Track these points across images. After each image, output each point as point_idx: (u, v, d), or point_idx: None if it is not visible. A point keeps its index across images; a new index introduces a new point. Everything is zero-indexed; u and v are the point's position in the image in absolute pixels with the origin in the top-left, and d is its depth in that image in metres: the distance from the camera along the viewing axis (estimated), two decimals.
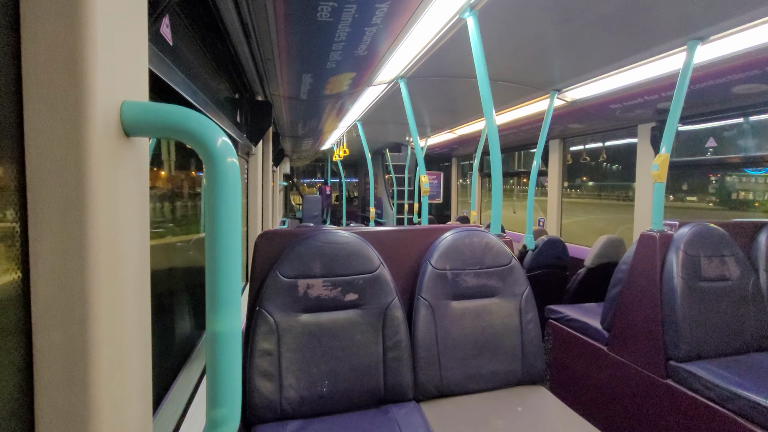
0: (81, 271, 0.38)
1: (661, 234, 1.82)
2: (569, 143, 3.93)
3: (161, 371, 0.96)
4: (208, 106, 1.21)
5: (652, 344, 1.77)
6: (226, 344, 0.47)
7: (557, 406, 1.32)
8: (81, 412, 0.39)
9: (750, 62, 1.83)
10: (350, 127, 4.38)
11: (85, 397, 0.39)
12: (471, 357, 1.40)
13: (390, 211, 7.28)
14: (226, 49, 1.56)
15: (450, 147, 5.63)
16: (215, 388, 0.46)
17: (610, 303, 2.04)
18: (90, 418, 0.39)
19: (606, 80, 2.35)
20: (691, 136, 2.93)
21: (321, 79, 2.07)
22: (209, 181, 0.46)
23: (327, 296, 1.27)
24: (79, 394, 0.39)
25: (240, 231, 0.48)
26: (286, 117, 3.20)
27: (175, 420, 0.90)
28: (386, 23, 1.44)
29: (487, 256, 1.49)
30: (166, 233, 1.16)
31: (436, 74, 2.42)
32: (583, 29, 1.75)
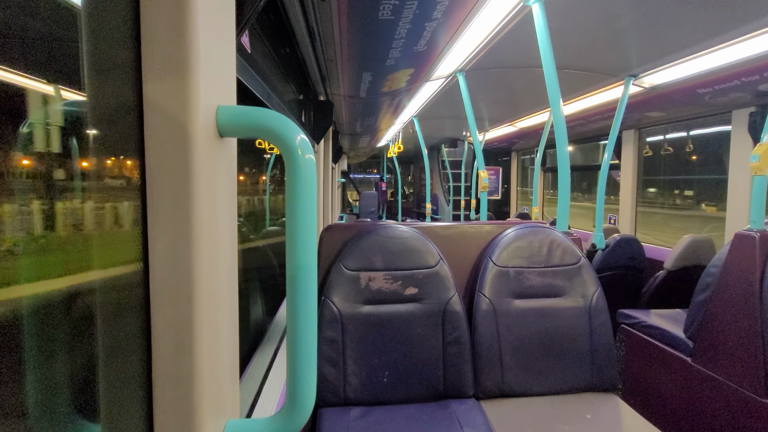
0: (188, 255, 0.44)
1: (762, 234, 1.60)
2: (646, 134, 3.59)
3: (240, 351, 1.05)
4: (280, 107, 1.30)
5: (750, 359, 1.57)
6: (305, 330, 0.50)
7: (632, 417, 1.23)
8: (188, 378, 0.44)
9: None
10: (406, 123, 4.39)
11: (190, 364, 0.44)
12: (535, 358, 1.35)
13: (446, 207, 7.19)
14: (294, 53, 1.65)
15: (509, 141, 5.40)
16: (294, 371, 0.50)
17: (696, 310, 1.84)
18: (194, 384, 0.44)
19: (693, 62, 2.10)
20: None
21: (380, 77, 2.10)
22: (289, 176, 0.50)
23: (388, 289, 1.30)
24: (186, 362, 0.44)
25: (316, 221, 0.52)
26: (345, 115, 3.30)
27: (253, 395, 0.99)
28: (447, 17, 1.42)
29: (553, 255, 1.42)
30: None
31: (496, 66, 2.34)
32: (666, 5, 1.58)
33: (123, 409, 0.44)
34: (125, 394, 0.44)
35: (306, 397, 0.51)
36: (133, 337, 0.44)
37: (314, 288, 0.51)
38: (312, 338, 0.52)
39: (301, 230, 0.50)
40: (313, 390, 0.52)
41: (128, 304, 0.44)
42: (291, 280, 0.50)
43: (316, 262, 0.52)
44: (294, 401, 0.51)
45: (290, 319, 0.51)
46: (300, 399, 0.50)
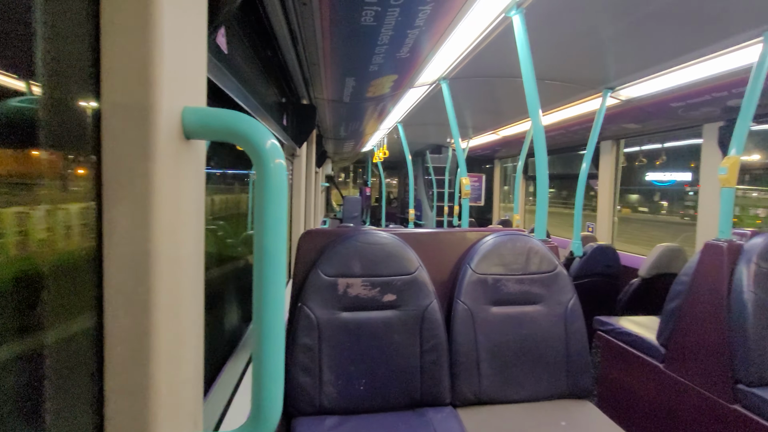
0: (146, 260, 0.42)
1: (730, 244, 1.66)
2: (623, 144, 3.69)
3: (210, 360, 1.02)
4: (258, 110, 1.28)
5: (717, 364, 1.62)
6: (271, 338, 0.49)
7: (605, 424, 1.25)
8: (144, 390, 0.42)
9: None
10: (391, 129, 4.41)
11: (147, 376, 0.42)
12: (512, 365, 1.35)
13: (429, 213, 7.23)
14: (275, 56, 1.63)
15: (492, 149, 5.49)
16: (260, 379, 0.49)
17: (668, 317, 1.89)
18: (151, 396, 0.42)
19: (667, 76, 2.18)
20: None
21: (363, 82, 2.10)
22: (258, 181, 0.49)
23: (366, 296, 1.29)
24: (142, 373, 0.42)
25: (286, 228, 0.50)
26: (329, 120, 3.29)
27: (222, 407, 0.96)
28: (429, 25, 1.43)
29: (530, 262, 1.44)
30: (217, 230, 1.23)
31: (479, 74, 2.38)
32: (642, 22, 1.64)
33: (70, 425, 0.42)
34: (73, 409, 0.42)
35: (272, 407, 0.49)
36: (83, 347, 0.42)
37: (281, 296, 0.49)
38: (279, 346, 0.50)
39: (270, 238, 0.48)
40: (279, 400, 0.50)
41: (79, 312, 0.42)
42: (258, 288, 0.49)
43: (285, 270, 0.51)
44: (259, 412, 0.49)
45: (256, 327, 0.50)
46: (265, 410, 0.49)
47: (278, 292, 0.49)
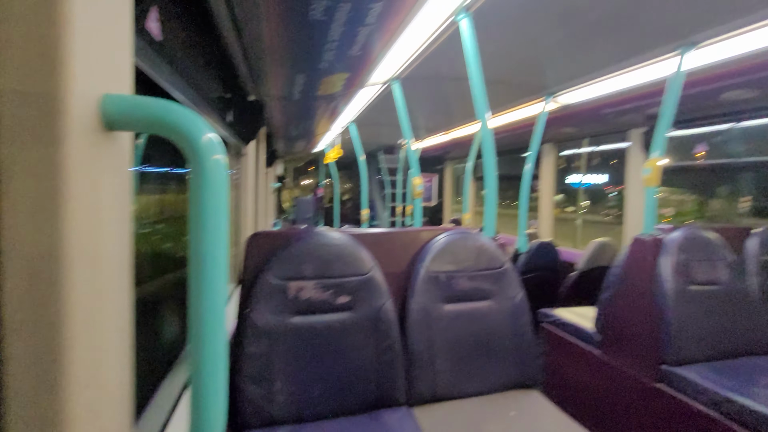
0: (56, 270, 0.36)
1: (654, 238, 1.83)
2: (563, 147, 3.96)
3: (144, 379, 0.92)
4: (198, 103, 1.19)
5: (644, 348, 1.77)
6: (211, 349, 0.45)
7: (550, 411, 1.31)
8: (55, 419, 0.36)
9: (739, 69, 1.85)
10: (344, 129, 4.37)
11: (59, 403, 0.36)
12: (465, 360, 1.38)
13: (383, 213, 7.27)
14: (218, 48, 1.54)
15: (444, 150, 5.64)
16: (200, 397, 0.44)
17: (602, 306, 2.04)
18: (65, 426, 0.37)
19: (598, 85, 2.36)
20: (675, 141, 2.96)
21: (314, 80, 2.05)
22: (194, 180, 0.44)
23: (319, 299, 1.25)
24: (52, 400, 0.36)
25: (227, 232, 0.46)
26: (279, 118, 3.18)
27: (158, 426, 0.87)
28: (380, 23, 1.43)
29: (480, 259, 1.48)
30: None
31: (430, 76, 2.42)
32: (577, 33, 1.75)
33: None
34: None
35: (213, 426, 0.45)
36: None
37: (221, 305, 0.45)
38: (219, 359, 0.46)
39: (208, 242, 0.44)
40: (221, 417, 0.46)
41: None
42: (195, 297, 0.44)
43: (226, 277, 0.46)
44: (198, 430, 0.45)
45: (194, 340, 0.45)
46: (206, 425, 0.44)
47: (217, 301, 0.45)
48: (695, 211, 10.01)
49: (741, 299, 1.82)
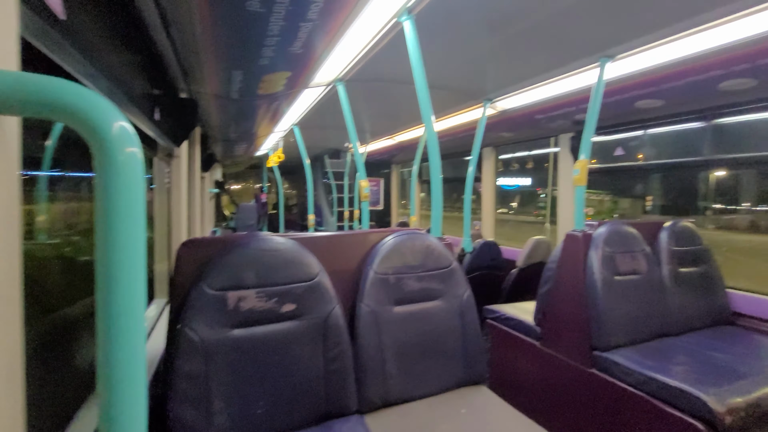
0: None
1: (584, 233, 1.97)
2: (500, 151, 4.17)
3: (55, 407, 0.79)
4: (116, 96, 1.06)
5: (578, 337, 1.90)
6: (126, 374, 0.38)
7: (497, 404, 1.34)
8: None
9: (650, 80, 2.07)
10: (287, 132, 4.23)
11: None
12: (415, 362, 1.37)
13: (330, 218, 7.16)
14: (141, 37, 1.39)
15: (390, 153, 5.69)
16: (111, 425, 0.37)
17: (540, 300, 2.16)
18: None
19: (531, 92, 2.52)
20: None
21: (253, 77, 1.94)
22: (101, 177, 0.37)
23: (261, 308, 1.16)
24: None
25: (144, 238, 0.39)
26: (216, 118, 2.98)
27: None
28: (323, 20, 1.39)
29: (428, 259, 1.49)
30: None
31: (374, 78, 2.41)
32: (510, 41, 1.85)
33: None
34: None
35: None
36: None
37: (138, 325, 0.38)
38: (136, 387, 0.39)
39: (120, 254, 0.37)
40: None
41: None
42: (103, 314, 0.37)
43: (143, 292, 0.40)
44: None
45: (103, 361, 0.38)
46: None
47: (133, 317, 0.38)
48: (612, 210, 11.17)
49: (656, 286, 2.02)
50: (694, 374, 1.54)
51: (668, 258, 2.13)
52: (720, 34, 1.58)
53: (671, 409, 1.46)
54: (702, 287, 2.17)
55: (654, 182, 9.64)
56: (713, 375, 1.53)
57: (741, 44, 1.61)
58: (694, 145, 2.70)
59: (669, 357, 1.72)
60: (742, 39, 1.58)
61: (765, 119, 2.16)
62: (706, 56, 1.74)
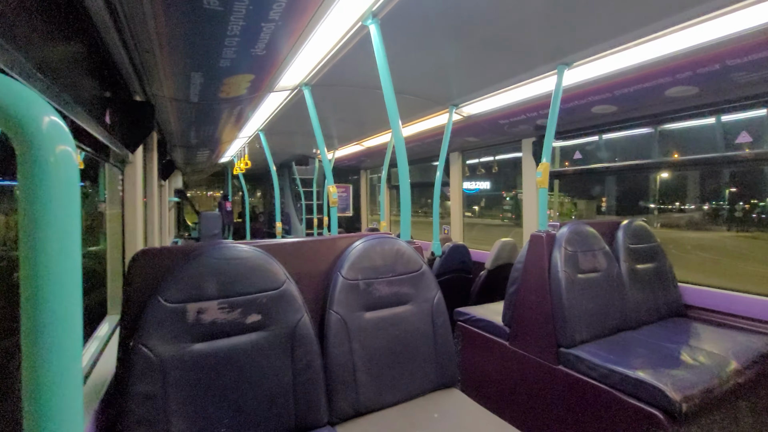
0: None
1: (547, 234, 2.03)
2: (467, 156, 4.26)
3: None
4: (58, 96, 0.97)
5: (544, 334, 1.94)
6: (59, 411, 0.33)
7: (470, 407, 1.34)
8: None
9: (604, 86, 2.18)
10: (252, 138, 4.11)
11: None
12: (387, 369, 1.35)
13: (299, 226, 7.03)
14: (88, 34, 1.30)
15: (358, 159, 5.67)
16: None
17: (509, 300, 2.20)
18: None
19: (495, 97, 2.59)
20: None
21: (214, 80, 1.87)
22: (27, 180, 0.32)
23: (224, 320, 1.10)
24: None
25: (79, 253, 0.35)
26: (175, 123, 2.85)
27: None
28: (286, 21, 1.35)
29: (398, 263, 1.47)
30: None
31: (341, 83, 2.39)
32: (473, 48, 1.89)
33: None
34: None
35: None
36: None
37: (76, 340, 0.34)
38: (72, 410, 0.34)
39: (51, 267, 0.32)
40: None
41: None
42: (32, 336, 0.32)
43: (80, 305, 0.35)
44: None
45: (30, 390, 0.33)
46: None
47: (68, 338, 0.33)
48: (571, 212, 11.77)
49: (615, 283, 2.11)
50: (653, 365, 1.61)
51: (625, 255, 2.24)
52: (666, 44, 1.69)
53: (633, 400, 1.52)
54: (656, 282, 2.29)
55: (609, 184, 10.29)
56: (670, 365, 1.61)
57: (684, 54, 1.73)
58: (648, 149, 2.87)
59: (629, 350, 1.79)
60: (685, 49, 1.70)
61: (707, 124, 2.34)
62: (654, 64, 1.86)
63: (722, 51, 1.67)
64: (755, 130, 2.18)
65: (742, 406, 1.65)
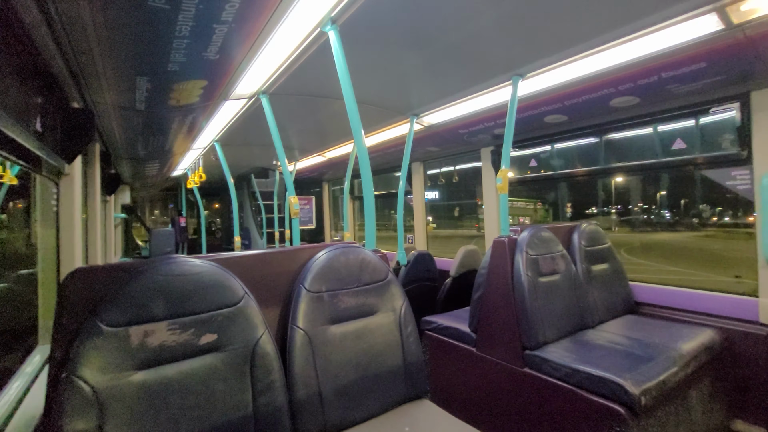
0: None
1: (509, 239, 2.07)
2: (428, 166, 4.32)
3: None
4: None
5: (510, 338, 1.96)
6: None
7: (440, 417, 1.31)
8: None
9: (555, 97, 2.29)
10: (207, 149, 3.93)
11: None
12: (355, 384, 1.28)
13: (259, 240, 6.77)
14: (14, 33, 1.17)
15: (320, 171, 5.59)
16: None
17: (474, 307, 2.21)
18: None
19: (455, 107, 2.64)
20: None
21: (163, 85, 1.75)
22: None
23: (174, 343, 1.00)
24: None
25: None
26: (120, 132, 2.65)
27: None
28: (240, 23, 1.29)
29: (364, 273, 1.43)
30: None
31: (301, 91, 2.34)
32: (433, 58, 1.92)
33: None
34: None
35: None
36: None
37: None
38: None
39: None
40: None
41: None
42: None
43: None
44: None
45: None
46: None
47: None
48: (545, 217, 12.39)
49: (573, 284, 2.19)
50: (612, 362, 1.66)
51: (581, 257, 2.33)
52: (610, 56, 1.81)
53: (595, 397, 1.56)
54: (610, 282, 2.40)
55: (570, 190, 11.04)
56: (627, 361, 1.67)
57: (626, 66, 1.85)
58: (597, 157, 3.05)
59: (589, 348, 1.85)
60: (627, 61, 1.82)
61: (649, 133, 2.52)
62: (599, 76, 1.98)
63: (658, 64, 1.80)
64: (688, 138, 2.38)
65: (692, 394, 1.74)
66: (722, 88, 1.97)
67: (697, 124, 2.30)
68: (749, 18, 1.44)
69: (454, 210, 14.29)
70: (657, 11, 1.47)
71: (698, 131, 2.31)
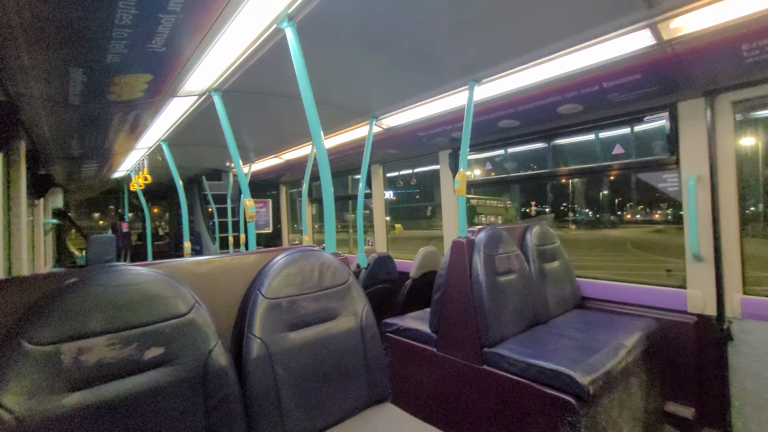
0: None
1: (467, 239, 2.12)
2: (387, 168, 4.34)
3: None
4: None
5: (469, 337, 2.01)
6: None
7: (403, 419, 1.30)
8: None
9: (508, 102, 2.39)
10: (153, 149, 3.68)
11: None
12: (316, 391, 1.24)
13: (212, 246, 6.45)
14: None
15: (277, 173, 5.43)
16: None
17: (434, 307, 2.24)
18: None
19: (413, 110, 2.68)
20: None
21: (100, 78, 1.61)
22: None
23: (115, 359, 0.91)
24: None
25: None
26: (50, 129, 2.40)
27: None
28: (189, 15, 1.22)
29: (324, 277, 1.39)
30: None
31: (257, 90, 2.25)
32: (392, 60, 1.92)
33: None
34: None
35: None
36: None
37: None
38: None
39: None
40: None
41: None
42: None
43: None
44: None
45: None
46: None
47: None
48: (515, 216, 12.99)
49: (527, 282, 2.29)
50: (563, 355, 1.75)
51: (534, 256, 2.44)
52: (557, 65, 1.91)
53: (548, 389, 1.63)
54: (560, 278, 2.54)
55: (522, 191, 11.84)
56: (577, 353, 1.77)
57: (572, 75, 1.97)
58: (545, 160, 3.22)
59: (542, 343, 1.94)
60: (572, 70, 1.94)
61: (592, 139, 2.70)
62: (548, 84, 2.09)
63: (600, 74, 1.94)
64: (626, 144, 2.58)
65: (633, 381, 1.87)
66: (654, 99, 2.16)
67: (632, 132, 2.50)
68: (677, 35, 1.58)
69: (426, 211, 14.60)
70: (599, 24, 1.57)
71: (634, 138, 2.51)
